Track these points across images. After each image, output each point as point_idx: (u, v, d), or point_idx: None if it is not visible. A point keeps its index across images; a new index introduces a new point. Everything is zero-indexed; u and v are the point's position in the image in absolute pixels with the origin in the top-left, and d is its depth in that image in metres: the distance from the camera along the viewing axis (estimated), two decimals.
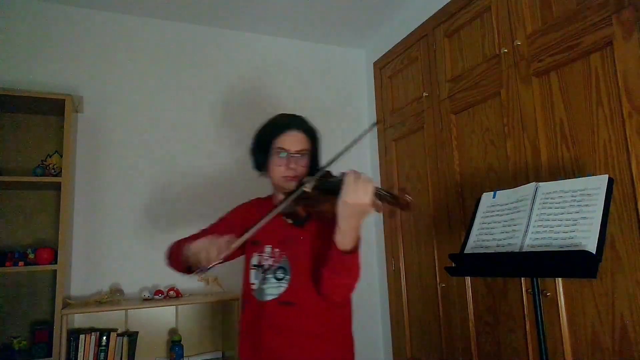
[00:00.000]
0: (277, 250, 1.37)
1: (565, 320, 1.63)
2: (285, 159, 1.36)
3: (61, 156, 2.29)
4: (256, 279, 1.38)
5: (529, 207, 1.39)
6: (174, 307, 2.48)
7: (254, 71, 3.00)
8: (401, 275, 2.68)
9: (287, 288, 1.32)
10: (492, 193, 1.58)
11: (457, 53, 2.26)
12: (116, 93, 2.65)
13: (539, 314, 1.35)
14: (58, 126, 2.42)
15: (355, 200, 1.07)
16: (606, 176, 1.26)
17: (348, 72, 3.30)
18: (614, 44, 1.50)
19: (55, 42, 2.57)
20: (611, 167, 1.50)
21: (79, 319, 2.32)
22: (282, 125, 1.40)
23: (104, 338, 2.19)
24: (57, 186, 2.25)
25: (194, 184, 2.72)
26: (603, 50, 1.54)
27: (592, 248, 1.16)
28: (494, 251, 1.41)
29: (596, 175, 1.36)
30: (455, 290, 2.19)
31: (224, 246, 1.16)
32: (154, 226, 2.59)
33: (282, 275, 1.34)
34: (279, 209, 1.23)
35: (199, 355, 2.45)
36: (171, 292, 2.39)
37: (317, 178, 1.26)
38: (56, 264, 2.16)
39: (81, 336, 2.16)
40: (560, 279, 1.65)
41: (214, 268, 1.20)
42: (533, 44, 1.81)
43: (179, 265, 1.34)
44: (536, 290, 1.36)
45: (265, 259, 1.38)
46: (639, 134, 1.42)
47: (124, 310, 2.37)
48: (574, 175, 1.59)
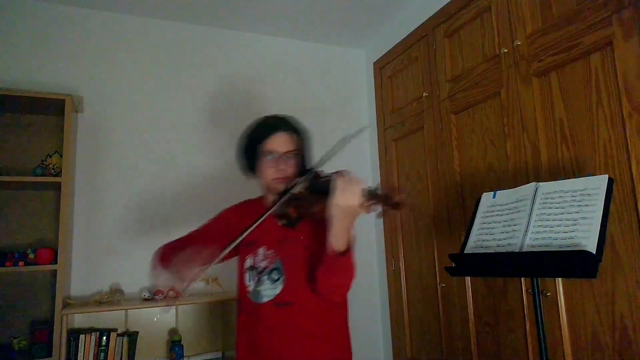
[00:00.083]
0: (271, 251, 1.37)
1: (565, 320, 1.63)
2: (274, 160, 1.35)
3: (61, 156, 2.29)
4: (251, 281, 1.38)
5: (529, 207, 1.39)
6: (174, 307, 2.48)
7: (254, 71, 3.00)
8: (401, 275, 2.68)
9: (283, 289, 1.32)
10: (492, 193, 1.58)
11: (457, 53, 2.26)
12: (116, 93, 2.65)
13: (539, 314, 1.35)
14: (58, 126, 2.41)
15: (346, 201, 1.08)
16: (606, 176, 1.26)
17: (348, 72, 3.30)
18: (614, 44, 1.50)
19: (55, 42, 2.56)
20: (611, 167, 1.50)
21: (79, 319, 2.32)
22: (270, 127, 1.38)
23: (104, 338, 2.19)
24: (57, 186, 2.25)
25: (194, 184, 2.72)
26: (603, 50, 1.54)
27: (592, 248, 1.16)
28: (494, 251, 1.41)
29: (596, 175, 1.35)
30: (455, 290, 2.19)
31: (192, 277, 1.18)
32: (154, 226, 2.58)
33: (278, 276, 1.34)
34: (270, 211, 1.22)
35: (199, 355, 2.45)
36: (171, 292, 2.38)
37: (308, 179, 1.25)
38: (56, 264, 2.16)
39: (81, 336, 2.16)
40: (560, 279, 1.65)
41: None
42: (533, 44, 1.81)
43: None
44: (536, 290, 1.36)
45: (260, 261, 1.37)
46: (639, 134, 1.43)
47: (124, 310, 2.37)
48: (574, 175, 1.59)
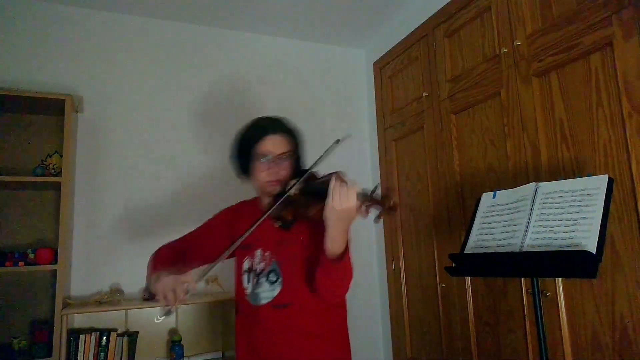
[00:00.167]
0: (268, 253, 1.37)
1: (565, 320, 1.63)
2: (268, 163, 1.34)
3: (61, 156, 2.29)
4: (249, 283, 1.38)
5: (529, 207, 1.39)
6: (175, 310, 2.48)
7: (254, 71, 3.00)
8: (401, 275, 2.68)
9: (281, 291, 1.32)
10: (492, 193, 1.58)
11: (457, 53, 2.26)
12: (116, 93, 2.65)
13: (539, 314, 1.35)
14: (58, 126, 2.41)
15: (342, 205, 1.08)
16: (606, 176, 1.26)
17: (348, 72, 3.29)
18: (614, 44, 1.50)
19: (55, 42, 2.56)
20: (611, 167, 1.50)
21: (79, 319, 2.32)
22: (262, 129, 1.37)
23: (104, 338, 2.19)
24: (57, 186, 2.25)
25: (194, 184, 2.72)
26: (603, 50, 1.54)
27: (592, 248, 1.16)
28: (494, 251, 1.41)
29: (596, 175, 1.35)
30: (455, 290, 2.19)
31: (191, 284, 1.16)
32: (153, 226, 2.58)
33: (275, 278, 1.34)
34: (265, 215, 1.22)
35: (199, 355, 2.45)
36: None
37: (302, 181, 1.25)
38: (56, 264, 2.16)
39: (81, 336, 2.16)
40: (560, 279, 1.65)
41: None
42: (533, 44, 1.81)
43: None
44: (536, 290, 1.36)
45: (257, 263, 1.37)
46: (639, 134, 1.43)
47: (124, 310, 2.37)
48: (574, 175, 1.59)
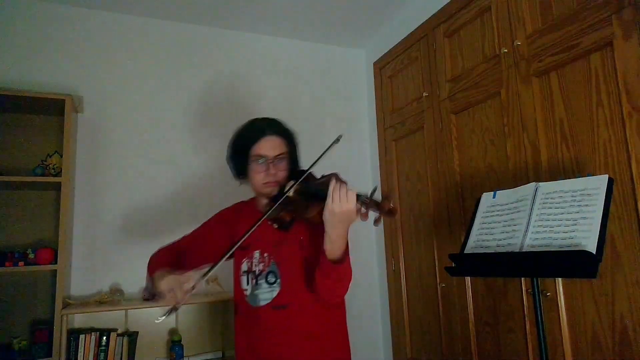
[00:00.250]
0: (266, 254, 1.37)
1: (565, 320, 1.63)
2: (264, 165, 1.34)
3: (61, 156, 2.29)
4: (247, 284, 1.38)
5: (529, 207, 1.39)
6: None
7: (254, 71, 3.00)
8: (401, 275, 2.68)
9: (280, 291, 1.33)
10: (492, 193, 1.58)
11: (457, 53, 2.26)
12: (116, 93, 2.65)
13: (539, 314, 1.35)
14: (58, 126, 2.41)
15: (341, 208, 1.08)
16: (606, 176, 1.26)
17: (348, 72, 3.29)
18: (614, 44, 1.50)
19: (55, 42, 2.56)
20: (611, 167, 1.50)
21: (79, 319, 2.32)
22: (258, 131, 1.37)
23: (104, 338, 2.19)
24: (57, 186, 2.25)
25: (194, 184, 2.72)
26: (603, 50, 1.54)
27: (592, 248, 1.16)
28: (494, 251, 1.41)
29: (596, 175, 1.35)
30: (455, 291, 2.19)
31: (192, 284, 1.15)
32: (153, 226, 2.58)
33: (274, 279, 1.34)
34: (264, 216, 1.22)
35: (199, 355, 2.45)
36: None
37: (300, 182, 1.25)
38: (56, 264, 2.16)
39: (81, 336, 2.16)
40: (560, 279, 1.65)
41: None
42: (533, 44, 1.81)
43: None
44: (536, 290, 1.36)
45: (256, 265, 1.38)
46: (639, 134, 1.43)
47: (124, 310, 2.37)
48: (574, 175, 1.59)
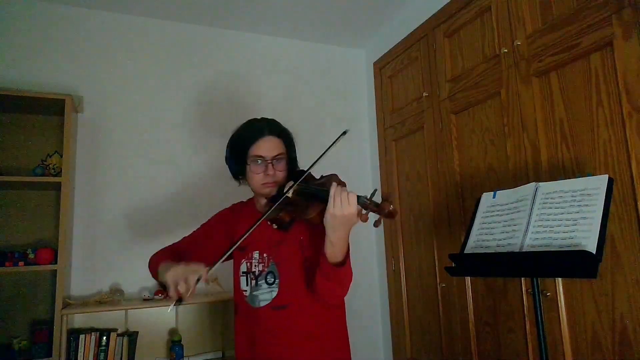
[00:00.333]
0: (265, 255, 1.37)
1: (565, 320, 1.63)
2: (263, 165, 1.33)
3: (61, 156, 2.29)
4: (247, 285, 1.38)
5: (529, 207, 1.39)
6: (174, 307, 2.48)
7: (254, 71, 3.00)
8: (401, 276, 2.68)
9: (279, 292, 1.33)
10: (492, 193, 1.58)
11: (457, 53, 2.26)
12: (116, 93, 2.65)
13: (539, 314, 1.35)
14: (58, 126, 2.41)
15: (342, 211, 1.08)
16: (606, 176, 1.26)
17: (348, 72, 3.29)
18: (614, 44, 1.50)
19: (55, 42, 2.56)
20: (611, 167, 1.50)
21: (79, 319, 2.32)
22: (256, 132, 1.37)
23: (104, 338, 2.19)
24: (57, 186, 2.25)
25: (194, 184, 2.72)
26: (603, 50, 1.54)
27: (592, 248, 1.16)
28: (494, 251, 1.40)
29: (596, 175, 1.35)
30: (455, 291, 2.19)
31: (202, 272, 1.15)
32: (153, 226, 2.58)
33: (272, 279, 1.34)
34: (262, 218, 1.22)
35: (199, 355, 2.45)
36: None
37: (299, 183, 1.25)
38: (56, 264, 2.16)
39: (81, 336, 2.16)
40: (560, 279, 1.65)
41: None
42: (533, 44, 1.81)
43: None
44: (536, 290, 1.36)
45: (255, 265, 1.38)
46: (639, 134, 1.43)
47: (124, 310, 2.37)
48: (574, 175, 1.59)
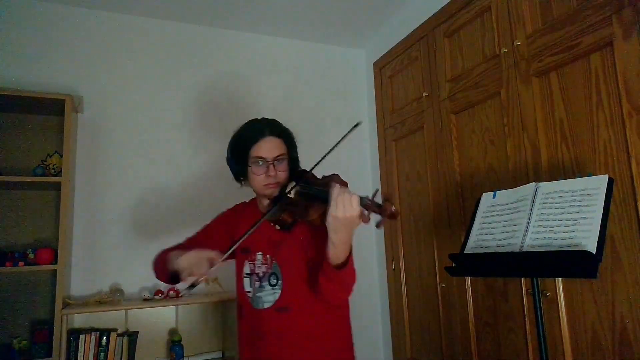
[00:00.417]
0: (268, 256, 1.37)
1: (565, 320, 1.63)
2: (264, 166, 1.32)
3: (61, 156, 2.29)
4: (250, 287, 1.38)
5: (529, 207, 1.39)
6: (174, 307, 2.48)
7: (253, 71, 3.00)
8: (401, 276, 2.68)
9: (282, 293, 1.32)
10: (492, 193, 1.58)
11: (457, 53, 2.26)
12: (116, 93, 2.65)
13: (539, 314, 1.35)
14: (58, 126, 2.41)
15: (344, 213, 1.07)
16: (606, 176, 1.26)
17: (348, 72, 3.29)
18: (614, 44, 1.50)
19: (55, 42, 2.56)
20: (611, 167, 1.50)
21: (79, 319, 2.32)
22: (256, 132, 1.35)
23: (104, 338, 2.19)
24: (57, 186, 2.25)
25: (194, 184, 2.72)
26: (603, 50, 1.54)
27: (592, 248, 1.16)
28: (494, 251, 1.41)
29: (596, 175, 1.35)
30: (455, 291, 2.19)
31: (215, 259, 1.17)
32: (154, 226, 2.58)
33: (275, 281, 1.34)
34: (264, 218, 1.21)
35: (199, 355, 2.45)
36: (171, 292, 2.38)
37: (301, 184, 1.24)
38: (56, 264, 2.16)
39: (81, 336, 2.16)
40: (560, 279, 1.65)
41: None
42: (533, 44, 1.81)
43: (164, 276, 1.34)
44: (536, 290, 1.36)
45: (258, 267, 1.37)
46: (639, 134, 1.43)
47: (124, 310, 2.37)
48: (574, 175, 1.59)
